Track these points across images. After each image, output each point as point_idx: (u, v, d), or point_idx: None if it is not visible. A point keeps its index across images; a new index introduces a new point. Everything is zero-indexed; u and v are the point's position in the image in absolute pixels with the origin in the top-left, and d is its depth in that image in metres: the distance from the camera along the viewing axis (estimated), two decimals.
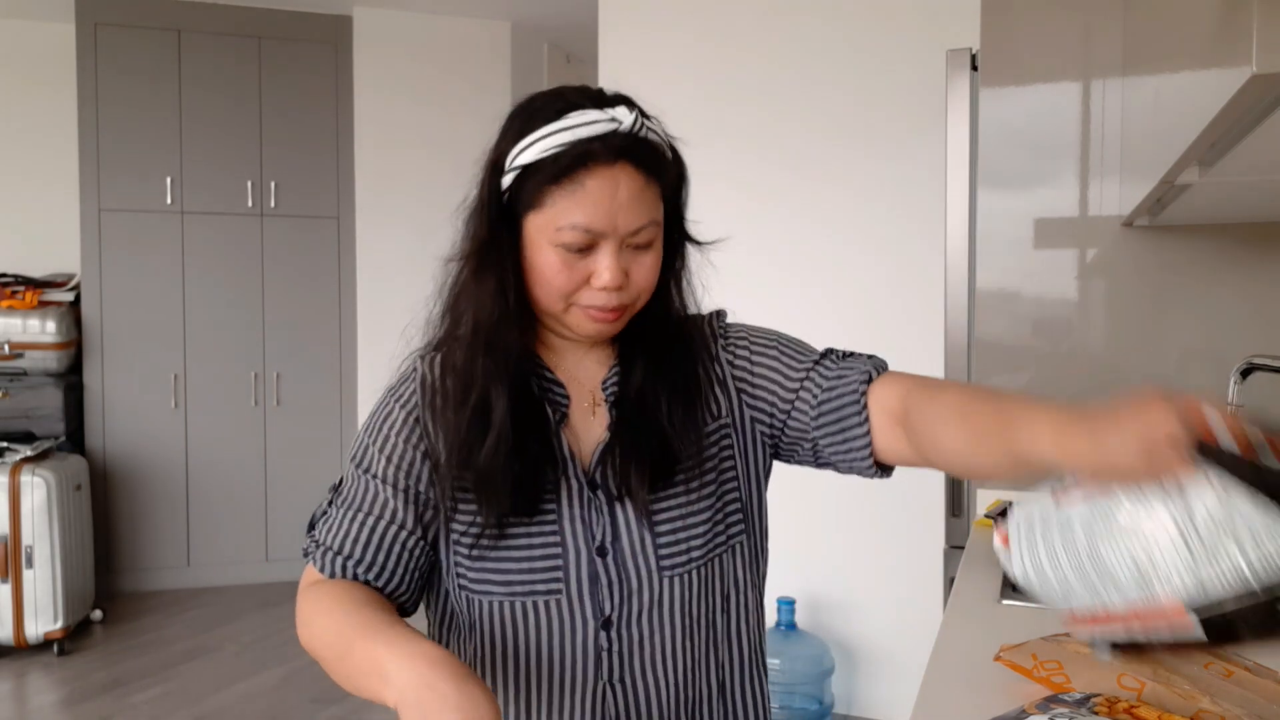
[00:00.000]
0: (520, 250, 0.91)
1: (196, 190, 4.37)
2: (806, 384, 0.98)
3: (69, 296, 4.21)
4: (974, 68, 2.07)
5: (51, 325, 4.08)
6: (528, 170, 0.87)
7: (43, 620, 3.59)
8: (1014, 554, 0.89)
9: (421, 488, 0.93)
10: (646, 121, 0.90)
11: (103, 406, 4.27)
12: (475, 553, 0.93)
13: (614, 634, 0.94)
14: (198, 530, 4.43)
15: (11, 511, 3.54)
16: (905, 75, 2.93)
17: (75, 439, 4.18)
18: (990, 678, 1.08)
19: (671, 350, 0.98)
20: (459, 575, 0.95)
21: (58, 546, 3.62)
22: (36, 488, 3.58)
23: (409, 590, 0.94)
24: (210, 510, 4.43)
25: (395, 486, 0.93)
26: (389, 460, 0.93)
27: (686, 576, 0.96)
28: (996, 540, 0.93)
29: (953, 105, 2.11)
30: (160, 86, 4.31)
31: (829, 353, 1.02)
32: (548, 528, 0.93)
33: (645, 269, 0.91)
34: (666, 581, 0.95)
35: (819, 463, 1.00)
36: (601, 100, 0.90)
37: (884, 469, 0.96)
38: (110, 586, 4.27)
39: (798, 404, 0.98)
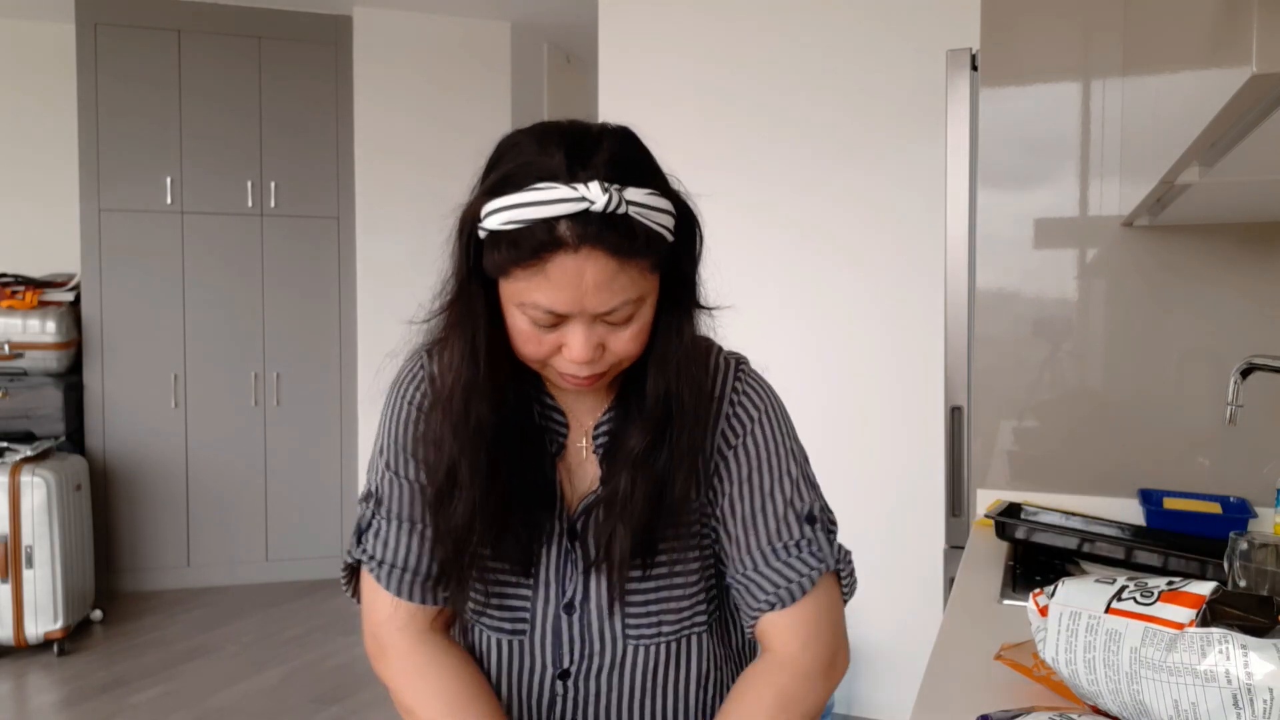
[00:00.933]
0: (498, 301, 0.85)
1: (196, 190, 4.37)
2: (753, 551, 0.93)
3: (69, 296, 4.21)
4: (974, 68, 2.07)
5: (51, 325, 4.08)
6: (493, 237, 0.80)
7: (43, 620, 3.59)
8: (1050, 637, 0.89)
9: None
10: (629, 194, 0.77)
11: (103, 406, 4.27)
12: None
13: (570, 684, 0.94)
14: (198, 530, 4.43)
15: (11, 511, 3.54)
16: (905, 75, 2.93)
17: (75, 439, 4.18)
18: (990, 678, 1.08)
19: (673, 424, 0.88)
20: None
21: (58, 546, 3.62)
22: (36, 488, 3.58)
23: (467, 593, 0.95)
24: (210, 510, 4.43)
25: (431, 485, 0.91)
26: (421, 462, 0.92)
27: (655, 648, 0.95)
28: (1032, 606, 0.93)
29: (953, 105, 2.11)
30: (160, 86, 4.31)
31: (809, 515, 0.94)
32: (521, 577, 0.94)
33: (624, 341, 0.83)
34: (631, 648, 0.94)
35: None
36: (579, 161, 0.78)
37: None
38: (110, 586, 4.27)
39: (731, 545, 0.94)
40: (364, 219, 4.54)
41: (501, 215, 0.78)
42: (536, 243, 0.76)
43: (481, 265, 0.82)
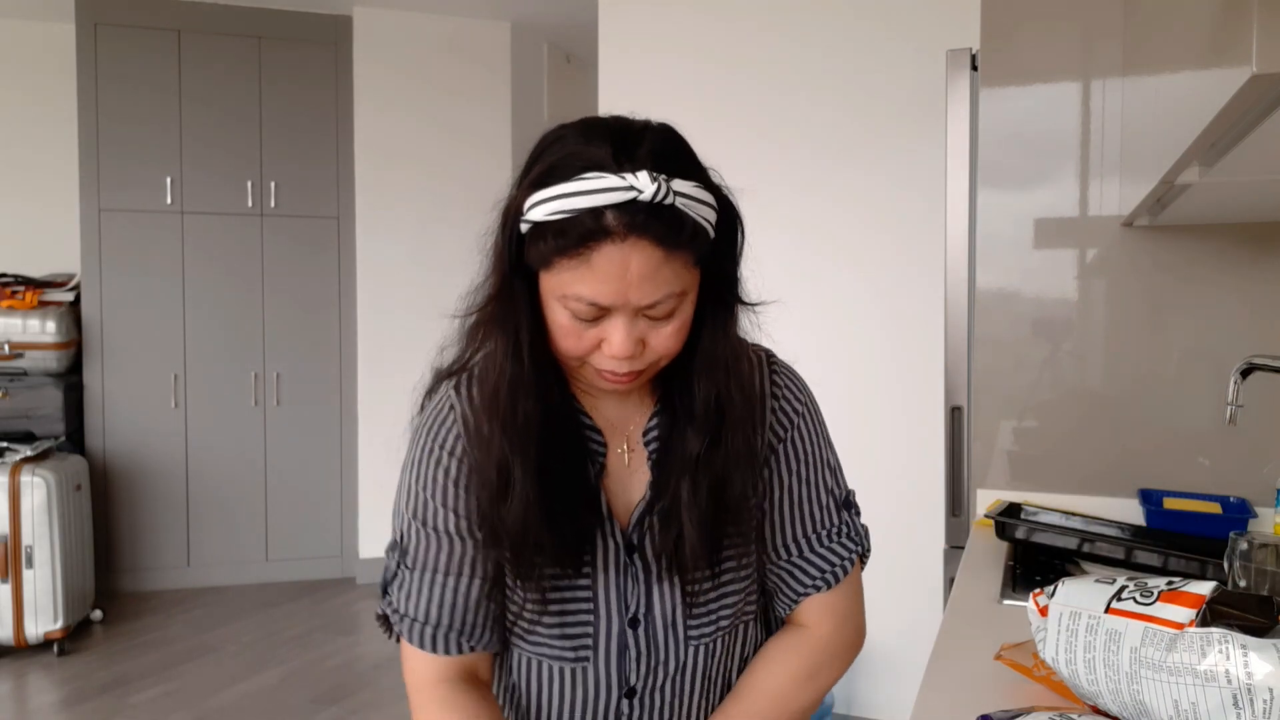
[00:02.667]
0: (539, 297, 0.84)
1: (196, 190, 4.37)
2: (799, 539, 0.97)
3: (69, 296, 4.21)
4: (974, 68, 2.07)
5: (51, 325, 4.08)
6: (538, 229, 0.78)
7: (43, 620, 3.59)
8: (1050, 637, 0.89)
9: (481, 533, 0.89)
10: (676, 185, 0.77)
11: (103, 406, 4.27)
12: (520, 609, 0.91)
13: (636, 702, 0.93)
14: (198, 530, 4.43)
15: (11, 511, 3.54)
16: (905, 75, 2.93)
17: (75, 439, 4.18)
18: (990, 677, 1.08)
19: (726, 425, 0.88)
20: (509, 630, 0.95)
21: (58, 546, 3.62)
22: (36, 488, 3.58)
23: (499, 635, 0.93)
24: (210, 510, 4.43)
25: (464, 537, 0.89)
26: (454, 513, 0.89)
27: (711, 644, 0.95)
28: (1032, 606, 0.93)
29: (953, 105, 2.11)
30: (160, 86, 4.31)
31: (846, 501, 1.00)
32: (582, 594, 0.90)
33: (664, 337, 0.82)
34: (692, 650, 0.94)
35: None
36: (625, 153, 0.77)
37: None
38: (110, 586, 4.27)
39: (777, 533, 0.96)
40: (364, 219, 4.54)
41: (547, 205, 0.77)
42: (583, 231, 0.75)
43: (523, 259, 0.81)
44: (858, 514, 1.01)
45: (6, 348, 4.01)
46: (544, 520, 0.84)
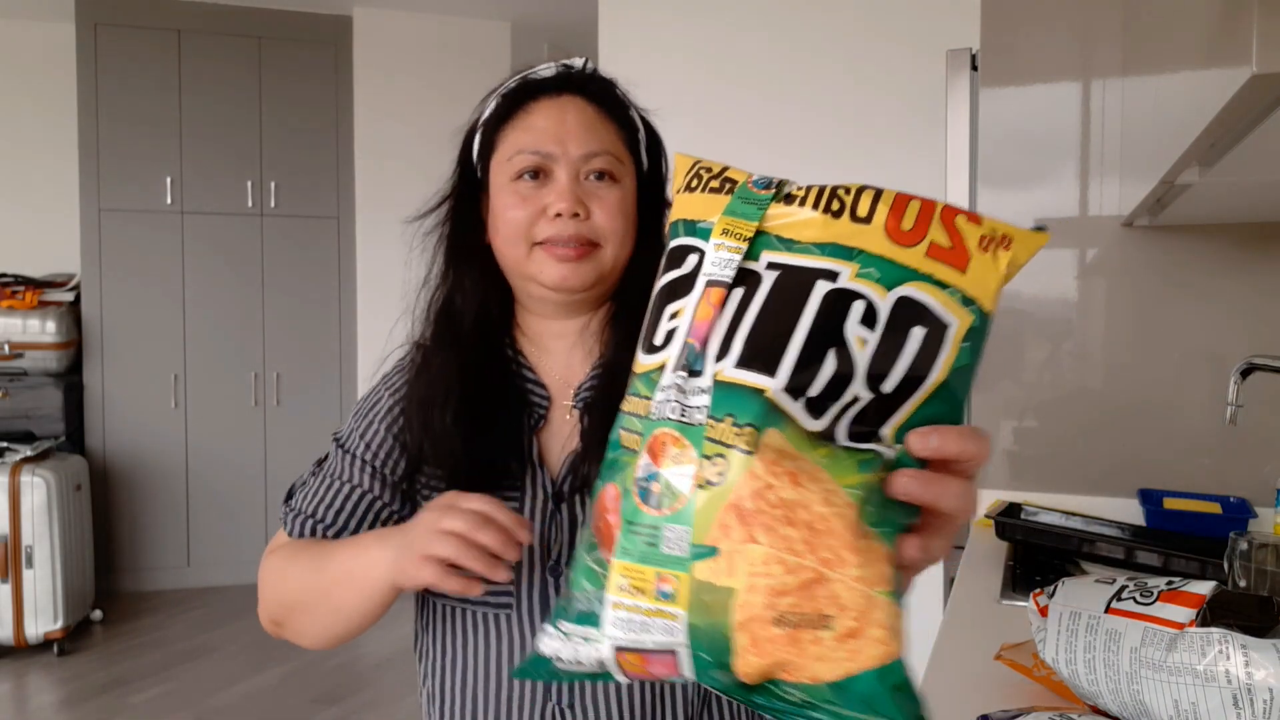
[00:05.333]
0: (485, 217, 0.92)
1: (196, 190, 4.37)
2: None
3: (69, 296, 4.22)
4: (974, 68, 2.07)
5: (51, 325, 4.08)
6: (486, 121, 0.91)
7: (43, 620, 3.59)
8: (1050, 637, 0.89)
9: (396, 476, 0.91)
10: (603, 73, 0.92)
11: (103, 406, 4.27)
12: None
13: None
14: (198, 530, 4.43)
15: (11, 511, 3.54)
16: (905, 75, 2.93)
17: (75, 439, 4.18)
18: (990, 678, 1.08)
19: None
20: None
21: (58, 546, 3.62)
22: (36, 488, 3.58)
23: None
24: (210, 510, 4.43)
25: (370, 465, 0.92)
26: (367, 444, 0.92)
27: None
28: (1032, 606, 0.93)
29: (953, 105, 2.11)
30: (160, 86, 4.31)
31: None
32: None
33: (608, 204, 0.86)
34: None
35: None
36: (564, 66, 0.92)
37: None
38: (110, 586, 4.27)
39: None
40: (364, 219, 4.54)
41: (495, 95, 0.91)
42: (524, 90, 0.89)
43: (472, 173, 0.92)
44: None
45: (6, 348, 4.01)
46: (464, 450, 0.86)
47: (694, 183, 0.58)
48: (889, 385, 0.47)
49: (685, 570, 0.48)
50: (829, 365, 0.46)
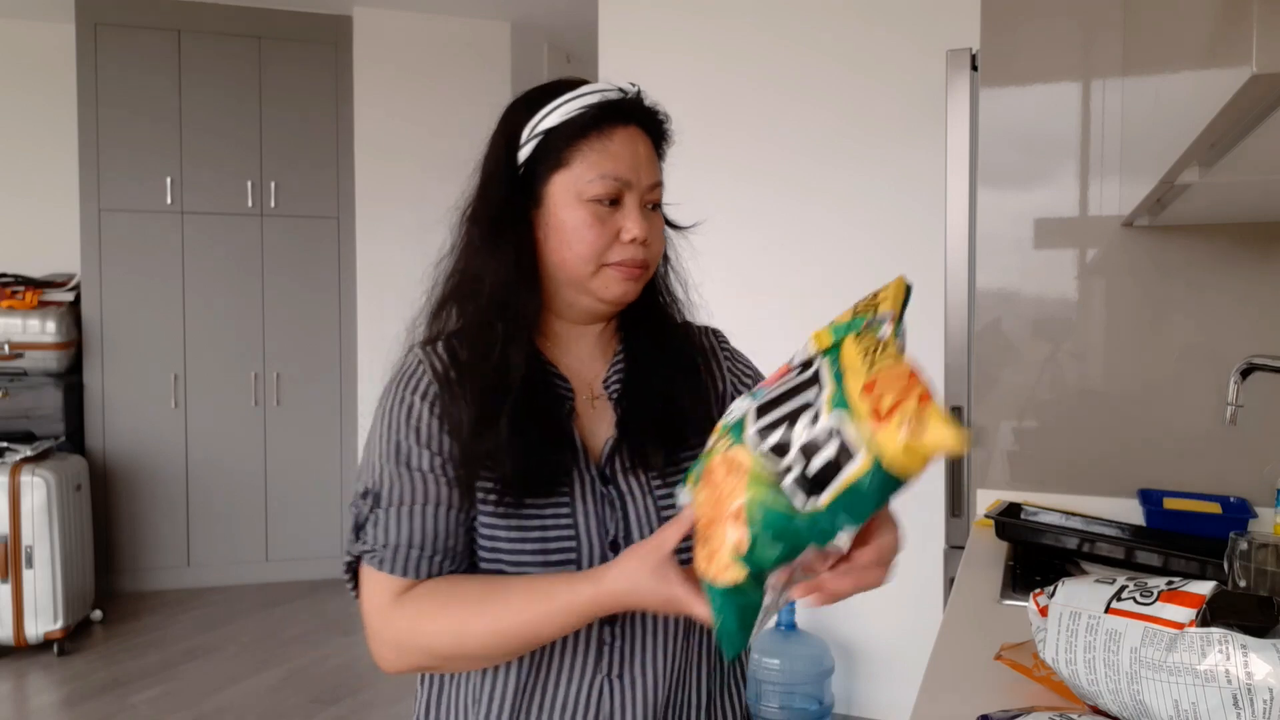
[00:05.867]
0: (535, 224, 0.94)
1: (196, 190, 4.37)
2: None
3: (69, 296, 4.21)
4: (974, 68, 2.07)
5: (51, 325, 4.08)
6: (552, 133, 0.92)
7: (43, 620, 3.59)
8: (1050, 637, 0.89)
9: (463, 471, 0.92)
10: (660, 111, 0.98)
11: (103, 406, 4.27)
12: (491, 533, 0.92)
13: (617, 629, 0.94)
14: (198, 530, 4.43)
15: (11, 511, 3.54)
16: (905, 75, 2.93)
17: (75, 439, 4.18)
18: (990, 678, 1.08)
19: (673, 338, 1.02)
20: (480, 559, 0.94)
21: (58, 546, 3.62)
22: (36, 488, 3.58)
23: (471, 566, 0.95)
24: (210, 510, 4.43)
25: (438, 474, 0.91)
26: (428, 450, 0.92)
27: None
28: (1032, 606, 0.93)
29: (953, 105, 2.11)
30: (160, 86, 4.31)
31: None
32: (563, 520, 0.92)
33: (658, 229, 0.96)
34: None
35: None
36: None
37: None
38: (110, 586, 4.27)
39: None
40: (364, 219, 4.54)
41: (562, 110, 0.92)
42: (602, 108, 0.92)
43: (523, 179, 0.94)
44: None
45: (6, 348, 4.01)
46: (523, 449, 0.90)
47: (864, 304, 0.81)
48: (814, 466, 0.68)
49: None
50: (782, 431, 0.71)
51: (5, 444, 3.71)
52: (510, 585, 0.87)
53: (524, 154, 0.93)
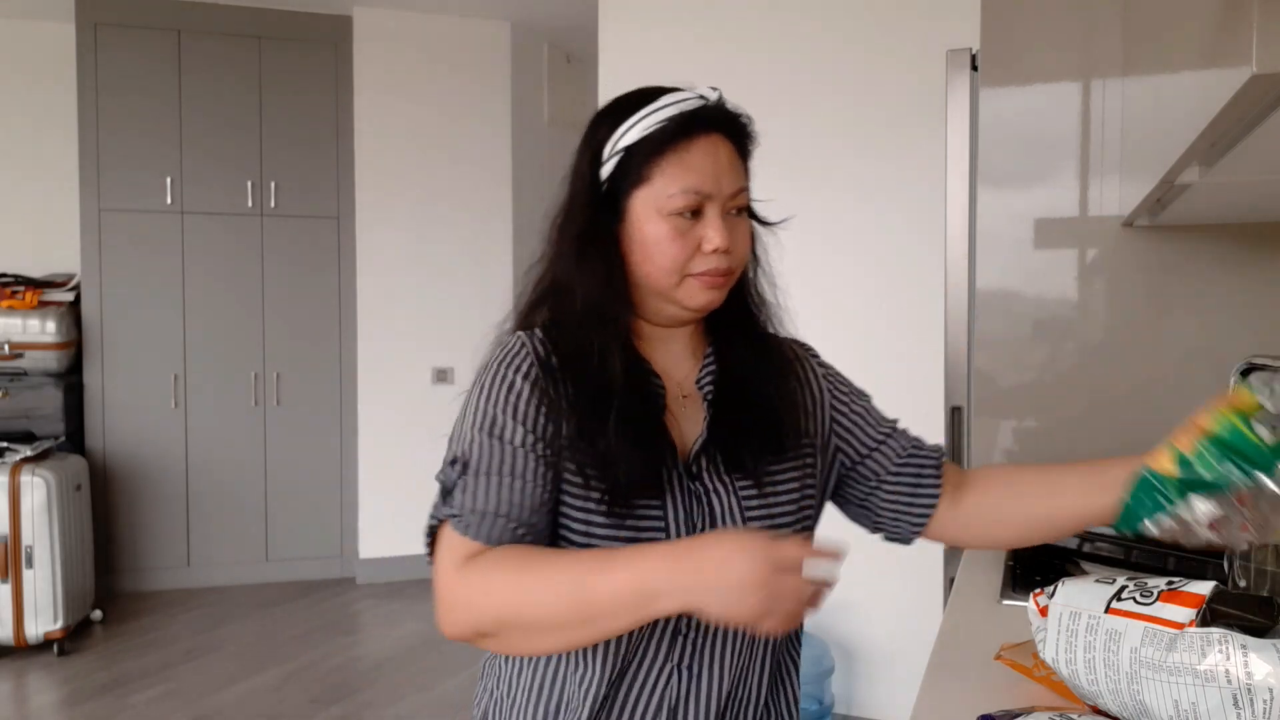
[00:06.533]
0: (621, 237, 0.96)
1: (196, 190, 4.37)
2: (893, 439, 1.09)
3: (69, 296, 4.22)
4: (974, 68, 2.07)
5: (51, 325, 4.08)
6: (632, 150, 0.93)
7: (43, 620, 3.59)
8: (1050, 637, 0.89)
9: (553, 454, 0.93)
10: (741, 115, 1.00)
11: (103, 406, 4.27)
12: (586, 523, 0.92)
13: (693, 620, 0.95)
14: (198, 530, 4.43)
15: (11, 511, 3.54)
16: (905, 75, 2.93)
17: (75, 439, 4.18)
18: (990, 678, 1.08)
19: (762, 340, 1.05)
20: (566, 544, 0.95)
21: (58, 546, 3.62)
22: (36, 488, 3.58)
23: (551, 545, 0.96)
24: (210, 510, 4.43)
25: (531, 450, 0.92)
26: (523, 426, 0.92)
27: None
28: (1032, 607, 0.93)
29: (953, 105, 2.11)
30: (160, 86, 4.31)
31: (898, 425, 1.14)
32: (653, 512, 0.94)
33: (743, 235, 0.98)
34: None
35: (858, 511, 1.10)
36: (677, 90, 0.97)
37: (914, 536, 1.10)
38: (110, 586, 4.27)
39: (883, 449, 1.08)
40: (364, 219, 4.54)
41: (640, 125, 0.93)
42: (681, 124, 0.92)
43: (609, 195, 0.95)
44: None
45: (6, 348, 4.01)
46: (627, 453, 0.91)
47: None
48: None
49: None
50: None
51: (5, 444, 3.71)
52: (581, 552, 0.88)
53: (606, 170, 0.95)
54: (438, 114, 4.56)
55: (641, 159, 0.93)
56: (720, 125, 0.95)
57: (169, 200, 4.33)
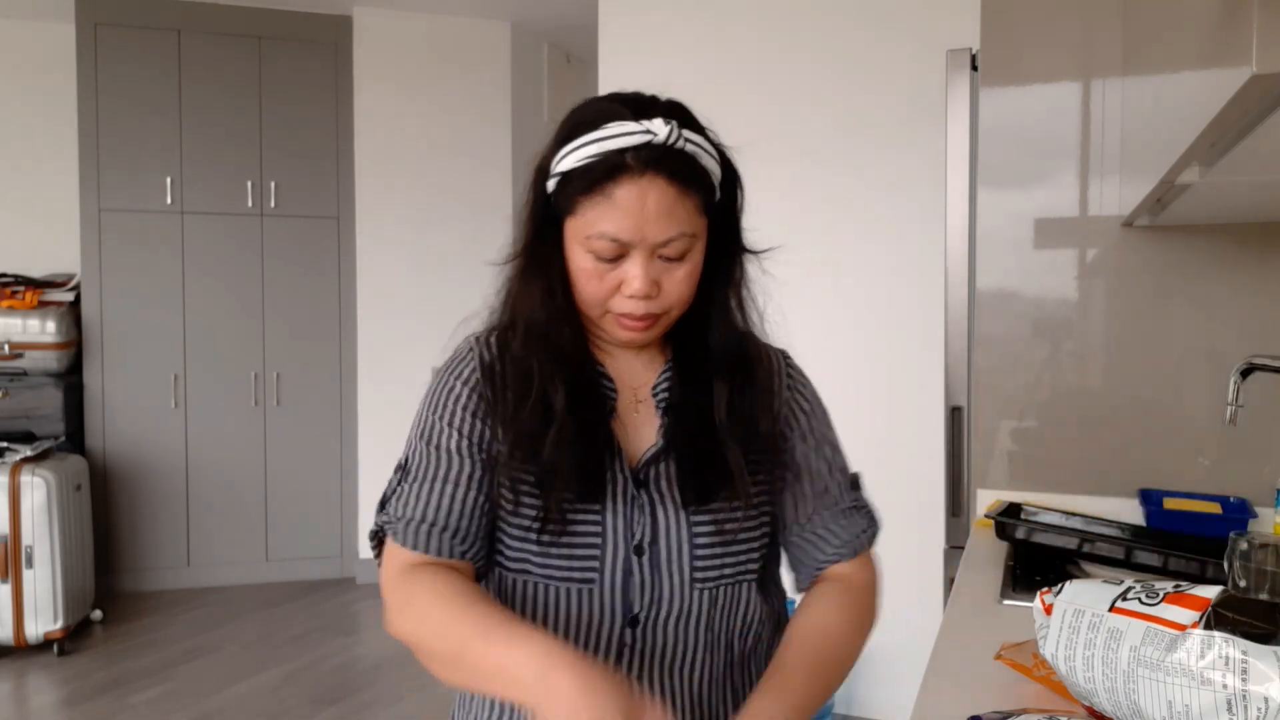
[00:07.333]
0: (564, 251, 0.93)
1: (196, 190, 4.37)
2: (819, 511, 1.03)
3: (69, 296, 4.21)
4: (974, 68, 2.07)
5: (51, 325, 4.08)
6: (565, 177, 0.90)
7: (43, 620, 3.59)
8: (1051, 633, 0.89)
9: (487, 459, 0.94)
10: (686, 133, 0.89)
11: (103, 406, 4.27)
12: (521, 536, 0.94)
13: (639, 633, 0.94)
14: (198, 530, 4.43)
15: (11, 511, 3.54)
16: (905, 75, 2.93)
17: (75, 439, 4.18)
18: (990, 678, 1.08)
19: (736, 364, 0.99)
20: (499, 553, 0.97)
21: (58, 546, 3.62)
22: (36, 488, 3.58)
23: (485, 553, 0.96)
24: (210, 510, 4.43)
25: (466, 456, 0.93)
26: (459, 433, 0.94)
27: (715, 592, 0.97)
28: (1038, 605, 0.93)
29: (953, 105, 2.11)
30: (160, 86, 4.31)
31: (854, 482, 1.07)
32: (591, 518, 0.94)
33: (677, 281, 0.91)
34: (696, 593, 0.96)
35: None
36: (643, 110, 0.89)
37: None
38: (110, 586, 4.27)
39: (800, 504, 1.03)
40: (364, 219, 4.54)
41: (575, 154, 0.88)
42: (606, 168, 0.87)
43: (551, 213, 0.92)
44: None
45: (6, 348, 4.01)
46: (569, 448, 0.91)
47: None
48: None
49: None
50: None
51: (5, 444, 3.71)
52: (486, 607, 0.85)
53: (550, 186, 0.92)
54: (438, 114, 4.56)
55: (571, 190, 0.89)
56: (657, 165, 0.86)
57: (169, 200, 4.33)
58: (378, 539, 0.96)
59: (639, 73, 3.26)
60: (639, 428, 0.98)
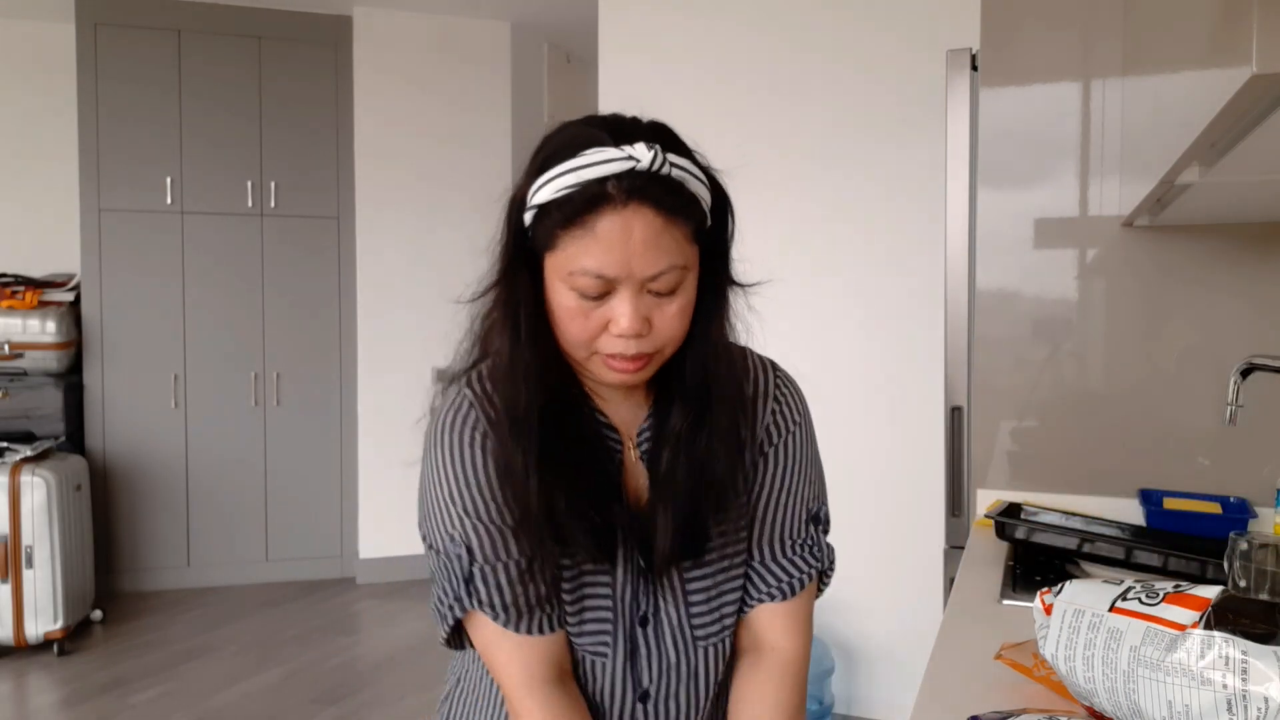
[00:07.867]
0: (543, 289, 0.84)
1: (196, 190, 4.37)
2: (771, 545, 0.97)
3: (69, 296, 4.21)
4: (974, 68, 2.07)
5: (51, 325, 4.08)
6: (543, 209, 0.81)
7: (43, 620, 3.59)
8: (1051, 633, 0.89)
9: (525, 525, 0.88)
10: (672, 157, 0.81)
11: (103, 406, 4.27)
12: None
13: (650, 707, 0.93)
14: (198, 530, 4.43)
15: (11, 511, 3.54)
16: (905, 75, 2.93)
17: (75, 439, 4.18)
18: (990, 678, 1.08)
19: (712, 404, 0.89)
20: None
21: (58, 546, 3.62)
22: (36, 488, 3.58)
23: (564, 612, 0.92)
24: (210, 510, 4.43)
25: (520, 526, 0.87)
26: (491, 501, 0.87)
27: (720, 645, 0.96)
28: (1038, 605, 0.93)
29: (953, 105, 2.11)
30: (160, 86, 4.31)
31: (816, 516, 1.00)
32: (603, 587, 0.91)
33: (668, 317, 0.83)
34: (701, 651, 0.94)
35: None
36: (623, 135, 0.81)
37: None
38: (110, 586, 4.27)
39: (757, 543, 0.97)
40: (364, 219, 4.54)
41: (552, 185, 0.80)
42: (586, 199, 0.78)
43: (528, 247, 0.84)
44: (826, 532, 1.00)
45: (6, 348, 4.01)
46: (568, 511, 0.85)
47: None
48: None
49: None
50: None
51: (5, 444, 3.71)
52: None
53: (527, 219, 0.83)
54: (438, 114, 4.56)
55: (550, 223, 0.80)
56: (640, 195, 0.78)
57: (169, 200, 4.33)
58: (455, 633, 0.90)
59: (639, 73, 3.26)
60: (639, 478, 0.92)
